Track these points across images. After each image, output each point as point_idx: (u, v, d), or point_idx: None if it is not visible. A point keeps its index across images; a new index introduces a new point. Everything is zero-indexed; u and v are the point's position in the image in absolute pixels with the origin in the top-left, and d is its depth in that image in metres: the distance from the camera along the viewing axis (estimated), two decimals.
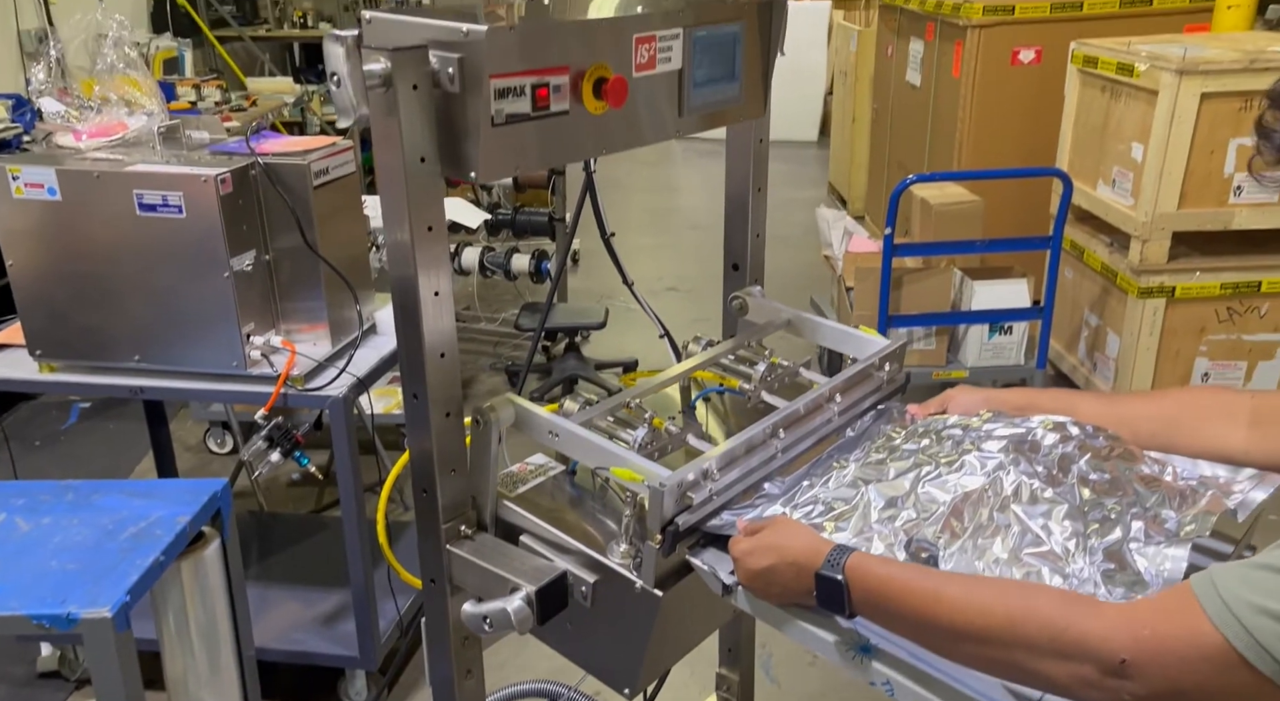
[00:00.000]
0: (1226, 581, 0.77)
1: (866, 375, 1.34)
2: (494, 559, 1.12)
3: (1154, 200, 3.08)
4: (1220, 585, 0.77)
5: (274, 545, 2.82)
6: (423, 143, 1.00)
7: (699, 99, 1.29)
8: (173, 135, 2.03)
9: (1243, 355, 3.24)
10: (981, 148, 4.13)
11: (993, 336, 3.29)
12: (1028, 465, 1.01)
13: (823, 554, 0.95)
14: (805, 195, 6.72)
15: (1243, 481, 1.05)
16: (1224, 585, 0.77)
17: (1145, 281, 3.16)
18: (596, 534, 1.15)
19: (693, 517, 1.06)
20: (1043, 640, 0.82)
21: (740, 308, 1.56)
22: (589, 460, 1.12)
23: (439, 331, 1.07)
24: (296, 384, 2.00)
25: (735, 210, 1.57)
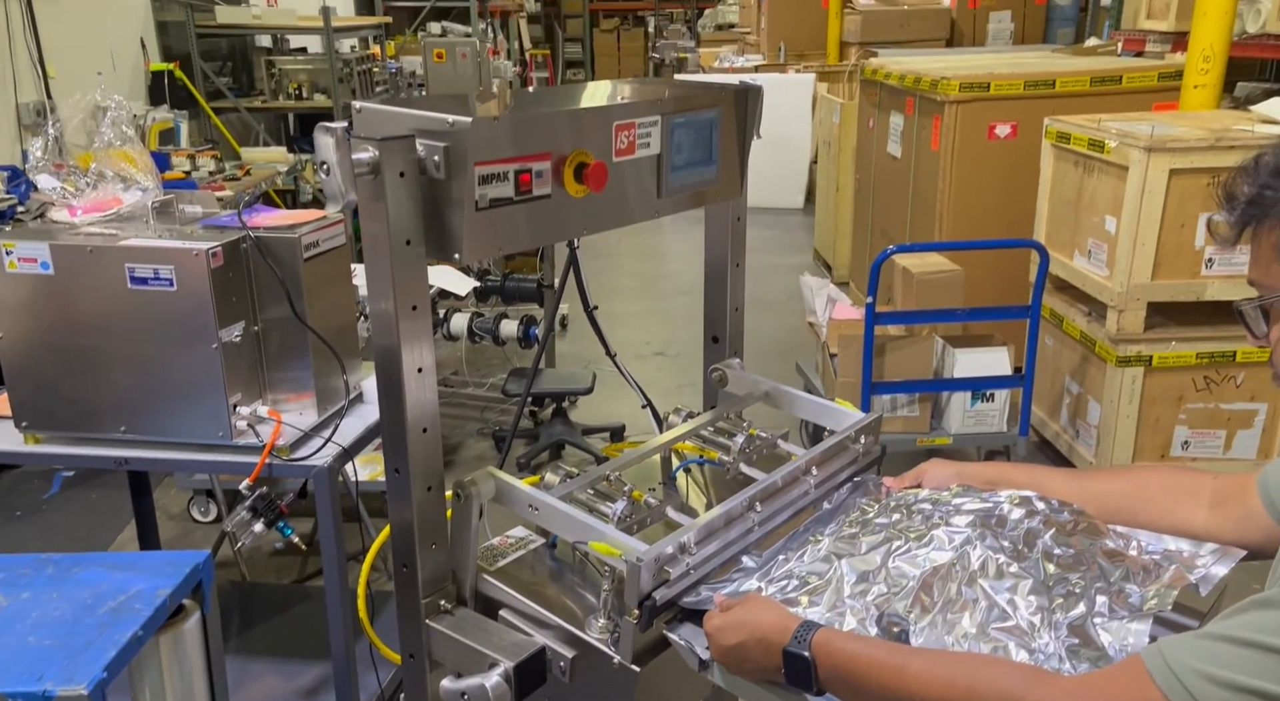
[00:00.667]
0: (1174, 651, 0.80)
1: (843, 448, 1.36)
2: (473, 634, 1.13)
3: (1128, 271, 3.15)
4: (1168, 655, 0.80)
5: (256, 616, 2.78)
6: (408, 226, 1.03)
7: (677, 181, 1.34)
8: (166, 209, 2.08)
9: (1221, 424, 3.28)
10: (961, 218, 4.23)
11: (975, 404, 3.32)
12: (994, 540, 1.04)
13: (790, 630, 0.97)
14: (791, 261, 6.83)
15: (1205, 556, 1.07)
16: (1172, 655, 0.80)
17: (1123, 350, 3.21)
18: (576, 608, 1.15)
19: (670, 592, 1.07)
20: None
21: (720, 379, 1.59)
22: (568, 534, 1.14)
23: (421, 407, 1.10)
24: (282, 454, 2.01)
25: (714, 284, 1.61)
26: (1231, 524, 1.08)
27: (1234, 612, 0.81)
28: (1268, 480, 1.06)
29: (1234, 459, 3.30)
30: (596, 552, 1.08)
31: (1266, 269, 0.88)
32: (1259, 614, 0.78)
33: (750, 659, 0.99)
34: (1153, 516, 1.12)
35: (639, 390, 1.71)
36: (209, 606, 1.79)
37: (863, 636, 0.98)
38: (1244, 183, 0.89)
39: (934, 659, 0.91)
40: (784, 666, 0.96)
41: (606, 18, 17.20)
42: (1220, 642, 0.79)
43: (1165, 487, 1.14)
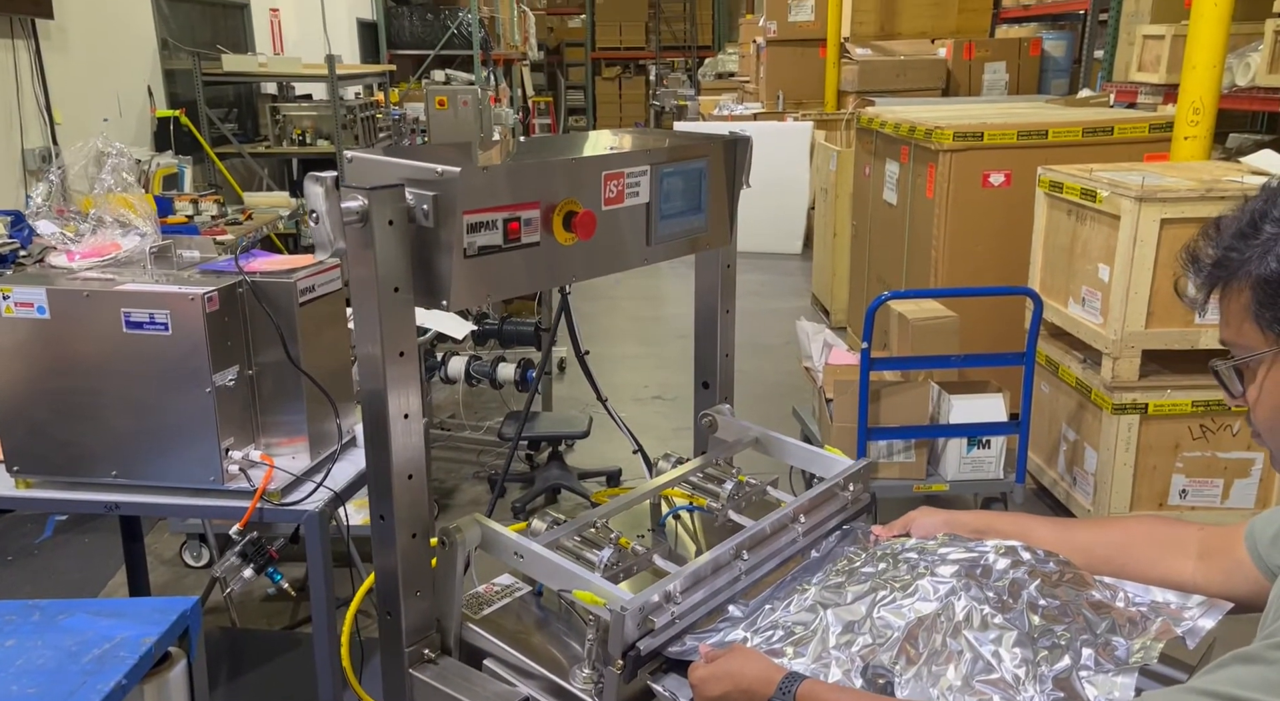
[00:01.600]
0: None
1: (831, 495, 1.36)
2: (456, 684, 1.11)
3: (1122, 319, 3.16)
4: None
5: (245, 663, 2.74)
6: (396, 273, 1.05)
7: (666, 230, 1.35)
8: (164, 254, 2.10)
9: (1218, 472, 3.27)
10: (957, 264, 4.26)
11: (971, 450, 3.31)
12: (979, 590, 1.03)
13: (775, 682, 0.96)
14: (789, 305, 6.86)
15: (1193, 608, 1.06)
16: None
17: (1118, 398, 3.21)
18: (561, 657, 1.14)
19: (654, 642, 1.06)
20: None
21: (710, 425, 1.59)
22: (553, 582, 1.13)
23: (407, 453, 1.10)
24: (273, 498, 2.00)
25: (704, 331, 1.62)
26: (1219, 575, 1.07)
27: (1216, 667, 0.80)
28: (1255, 532, 1.06)
29: (1232, 508, 3.28)
30: (581, 601, 1.08)
31: (1238, 329, 0.88)
32: (1241, 669, 0.78)
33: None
34: (1140, 568, 1.12)
35: (630, 435, 1.72)
36: (195, 654, 1.77)
37: (847, 689, 0.97)
38: (1208, 245, 0.90)
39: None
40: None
41: (609, 66, 17.51)
42: (1201, 697, 0.78)
43: (1152, 539, 1.13)
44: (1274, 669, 0.76)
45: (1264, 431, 0.87)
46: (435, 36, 10.39)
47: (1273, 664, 0.76)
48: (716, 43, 17.21)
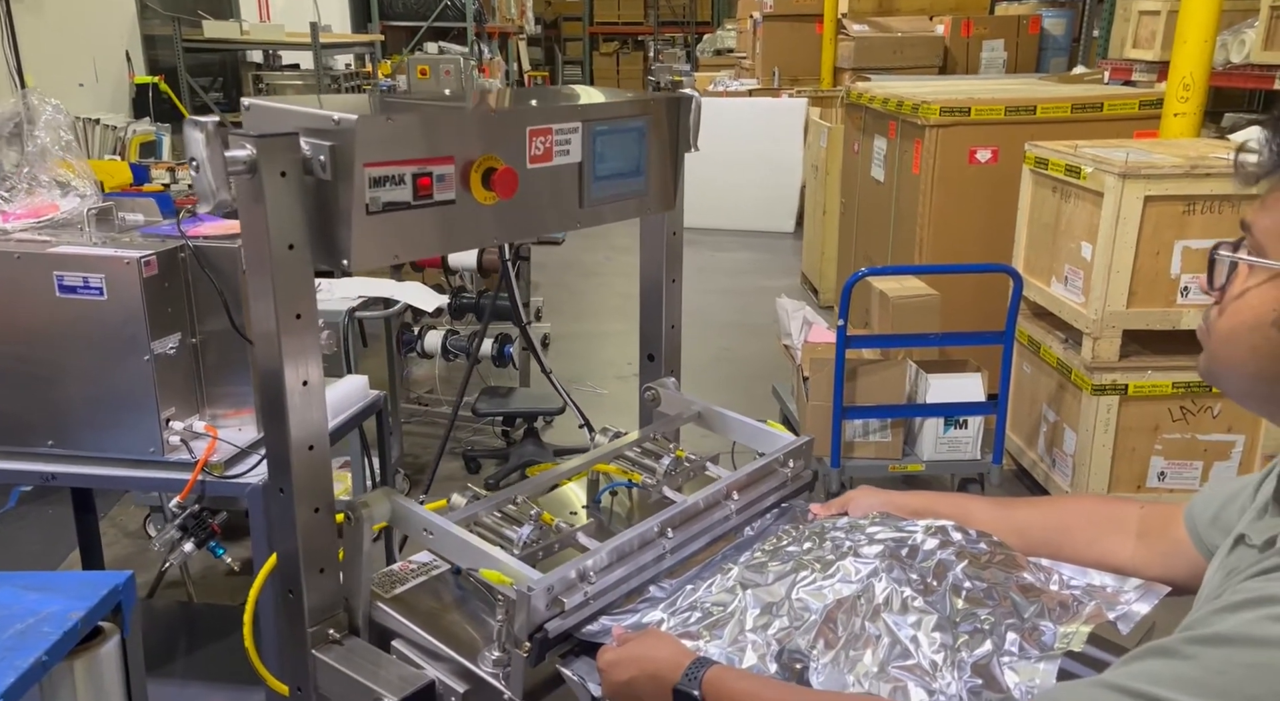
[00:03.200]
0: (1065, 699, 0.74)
1: (769, 471, 1.30)
2: (359, 666, 1.06)
3: (1103, 298, 3.10)
4: None
5: (201, 639, 2.70)
6: (291, 230, 0.98)
7: (601, 192, 1.28)
8: (105, 217, 2.03)
9: (1198, 455, 3.21)
10: (941, 242, 4.19)
11: (948, 430, 3.26)
12: (901, 572, 0.97)
13: (683, 667, 0.91)
14: (779, 284, 6.79)
15: (1129, 592, 1.01)
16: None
17: (1098, 378, 3.15)
18: (477, 638, 1.09)
19: (565, 624, 1.01)
20: None
21: (653, 399, 1.53)
22: (461, 560, 1.07)
23: (307, 423, 1.04)
24: (215, 471, 1.94)
25: (649, 301, 1.55)
26: (1158, 556, 1.02)
27: (1131, 659, 0.74)
28: (1194, 512, 1.00)
29: None
30: (488, 580, 1.02)
31: (1273, 225, 0.75)
32: (1157, 663, 0.72)
33: (640, 697, 0.93)
34: (1077, 548, 1.06)
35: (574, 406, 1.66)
36: (129, 629, 1.72)
37: (758, 676, 0.92)
38: None
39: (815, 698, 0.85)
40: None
41: (606, 41, 17.31)
42: (1114, 693, 0.72)
43: (1091, 519, 1.08)
44: (1191, 665, 0.69)
45: (1216, 340, 0.79)
46: (429, 8, 10.23)
47: (1189, 659, 0.70)
48: (715, 19, 17.00)
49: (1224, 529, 0.95)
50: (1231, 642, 0.68)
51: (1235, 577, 0.75)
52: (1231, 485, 0.98)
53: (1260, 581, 0.71)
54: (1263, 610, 0.68)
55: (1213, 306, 0.80)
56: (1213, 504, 0.98)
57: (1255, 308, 0.75)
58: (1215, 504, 0.98)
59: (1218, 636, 0.69)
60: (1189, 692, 0.68)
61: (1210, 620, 0.71)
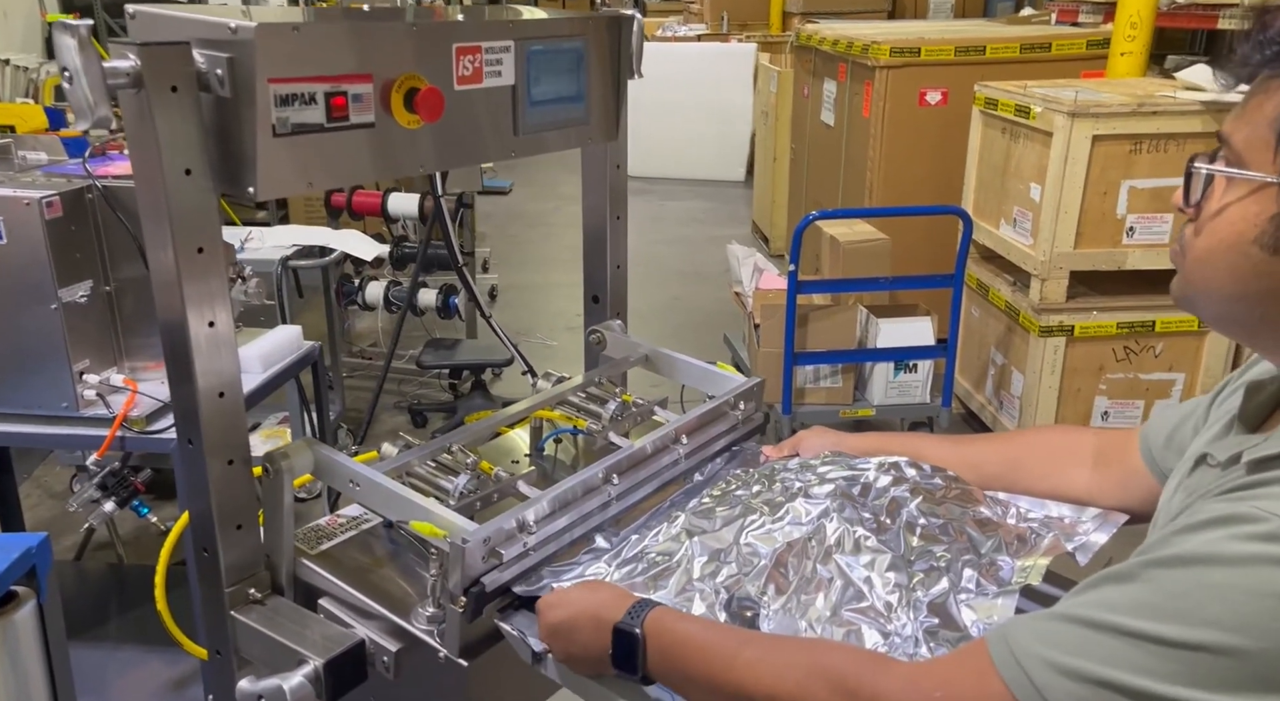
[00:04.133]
0: (1019, 635, 0.70)
1: (719, 414, 1.25)
2: (283, 627, 0.99)
3: (1051, 240, 3.09)
4: (1012, 640, 0.70)
5: (133, 601, 2.60)
6: (187, 152, 0.88)
7: (536, 118, 1.19)
8: (4, 155, 1.87)
9: (1140, 394, 3.26)
10: (892, 186, 4.16)
11: (898, 374, 3.25)
12: (854, 511, 0.93)
13: (625, 607, 0.86)
14: (729, 233, 6.72)
15: (1086, 522, 0.98)
16: (1016, 639, 0.69)
17: (1045, 320, 3.16)
18: (411, 594, 1.02)
19: (502, 577, 0.95)
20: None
21: (598, 342, 1.46)
22: (390, 512, 1.00)
23: (216, 369, 0.95)
24: (136, 426, 1.83)
25: (593, 241, 1.48)
26: (1113, 485, 0.99)
27: (1085, 588, 0.70)
28: (1148, 436, 0.97)
29: None
30: (419, 534, 0.95)
31: (1250, 135, 0.69)
32: (1112, 589, 0.67)
33: (579, 640, 0.88)
34: (1032, 480, 1.03)
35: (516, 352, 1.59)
36: (46, 594, 1.62)
37: (702, 618, 0.87)
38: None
39: (769, 647, 0.80)
40: (612, 646, 0.85)
41: None
42: (1068, 624, 0.68)
43: (1045, 450, 1.05)
44: (1148, 588, 0.65)
45: (1192, 261, 0.73)
46: None
47: (1146, 583, 0.65)
48: None
49: (1178, 451, 0.91)
50: (1192, 563, 0.64)
51: (1196, 498, 0.71)
52: (1183, 407, 0.95)
53: (1224, 501, 0.67)
54: (1228, 529, 0.64)
55: (1187, 225, 0.75)
56: (1166, 427, 0.95)
57: (1235, 224, 0.70)
58: (1168, 426, 0.95)
59: (1177, 558, 0.65)
60: (1146, 617, 0.64)
61: (1169, 541, 0.67)
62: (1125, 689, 0.64)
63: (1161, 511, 0.81)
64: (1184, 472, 0.79)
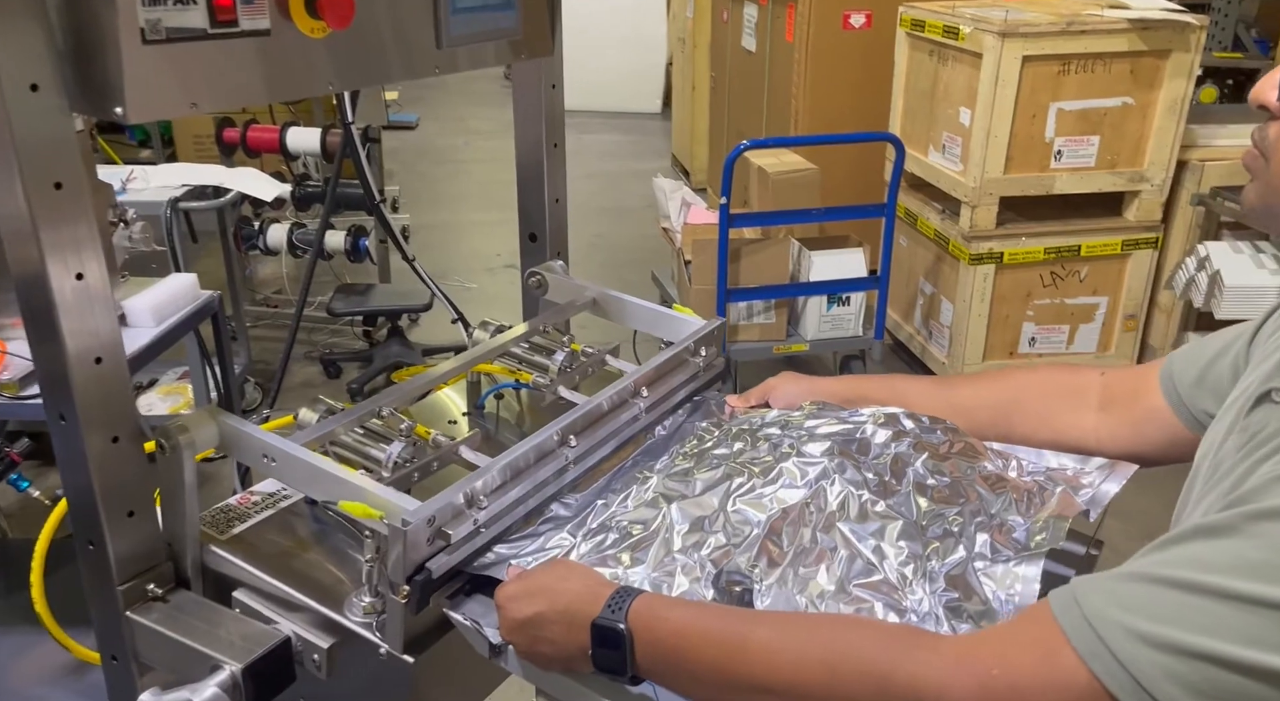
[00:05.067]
0: (1092, 600, 0.60)
1: (680, 361, 1.14)
2: (190, 626, 0.85)
3: (982, 165, 3.05)
4: (1086, 605, 0.60)
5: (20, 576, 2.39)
6: (31, 64, 0.70)
7: (462, 28, 1.03)
8: None
9: (1065, 319, 3.29)
10: (817, 114, 4.06)
11: (831, 308, 3.20)
12: (855, 472, 0.83)
13: (603, 598, 0.74)
14: (648, 167, 6.56)
15: (1092, 472, 0.91)
16: (1091, 605, 0.60)
17: (976, 247, 3.14)
18: (344, 580, 0.89)
19: (451, 559, 0.83)
20: (866, 691, 0.64)
21: (539, 285, 1.33)
22: (314, 491, 0.87)
23: (90, 330, 0.78)
24: (7, 390, 1.63)
25: (529, 172, 1.33)
26: (1128, 427, 0.90)
27: (1169, 543, 0.60)
28: (1174, 373, 0.88)
29: (1077, 353, 3.33)
30: (351, 515, 0.82)
31: None
32: (1205, 545, 0.58)
33: (548, 637, 0.77)
34: (1031, 426, 0.95)
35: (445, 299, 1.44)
36: None
37: (694, 602, 0.77)
38: None
39: (783, 626, 0.70)
40: (591, 644, 0.73)
41: None
42: (1153, 586, 0.58)
43: (1045, 392, 0.96)
44: (1253, 543, 0.56)
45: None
46: None
47: (1252, 537, 0.56)
48: None
49: (1213, 390, 0.84)
50: None
51: (1270, 439, 0.62)
52: (1213, 342, 0.87)
53: None
54: None
55: (1269, 124, 0.65)
56: (1196, 364, 0.87)
57: None
58: (1199, 363, 0.87)
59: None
60: (1252, 578, 0.55)
61: (1273, 489, 0.57)
62: (1229, 661, 0.54)
63: (1208, 455, 0.73)
64: (1239, 412, 0.70)
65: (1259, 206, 0.66)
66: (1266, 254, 2.99)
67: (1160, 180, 3.10)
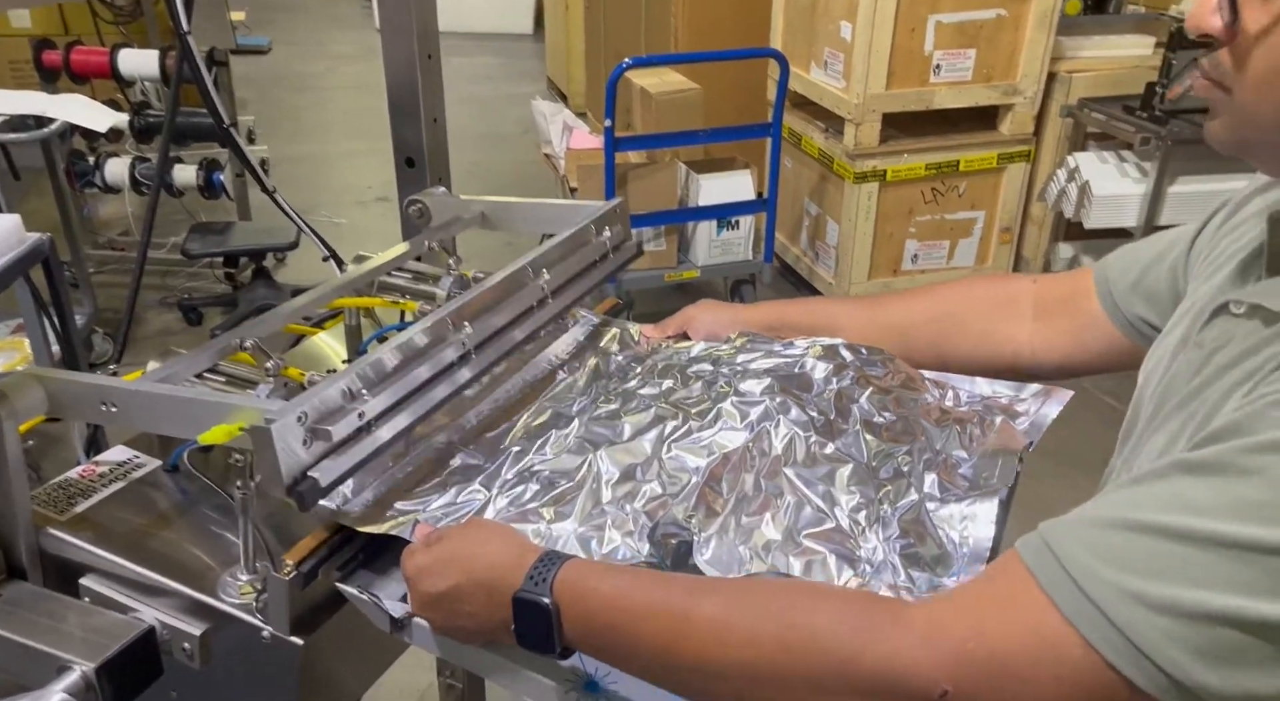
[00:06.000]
0: (1072, 551, 0.53)
1: (583, 242, 1.04)
2: (27, 623, 0.72)
3: (865, 81, 3.02)
4: (1066, 558, 0.53)
5: None
6: None
7: None
8: None
9: (946, 234, 3.35)
10: (697, 32, 3.94)
11: (721, 232, 3.15)
12: (800, 411, 0.77)
13: (525, 566, 0.66)
14: (524, 91, 6.30)
15: (1027, 399, 0.87)
16: (1072, 559, 0.53)
17: (860, 166, 3.14)
18: (209, 559, 0.78)
19: (338, 465, 0.70)
20: (829, 674, 0.57)
21: (420, 214, 1.20)
22: (165, 426, 0.73)
23: None
24: None
25: (401, 90, 1.19)
26: (1064, 336, 0.86)
27: (1146, 480, 0.54)
28: (1109, 276, 0.84)
29: (956, 268, 3.40)
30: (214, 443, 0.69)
31: None
32: (1191, 484, 0.52)
33: (467, 612, 0.68)
34: (969, 341, 0.90)
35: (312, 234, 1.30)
36: None
37: (629, 568, 0.69)
38: None
39: (731, 598, 0.62)
40: (514, 619, 0.66)
41: None
42: (1142, 536, 0.51)
43: (981, 304, 0.91)
44: (1251, 482, 0.49)
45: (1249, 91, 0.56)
46: None
47: (1249, 474, 0.49)
48: None
49: (1148, 296, 0.80)
50: None
51: (1234, 355, 0.58)
52: (1147, 248, 0.83)
53: None
54: None
55: (1217, 52, 0.58)
56: (1132, 268, 0.82)
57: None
58: (1135, 268, 0.82)
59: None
60: (1253, 520, 0.48)
61: (1266, 418, 0.51)
62: (1241, 620, 0.48)
63: (1156, 372, 0.70)
64: (1191, 324, 0.66)
65: (1230, 140, 0.60)
66: (1129, 163, 3.10)
67: (1032, 93, 3.15)
